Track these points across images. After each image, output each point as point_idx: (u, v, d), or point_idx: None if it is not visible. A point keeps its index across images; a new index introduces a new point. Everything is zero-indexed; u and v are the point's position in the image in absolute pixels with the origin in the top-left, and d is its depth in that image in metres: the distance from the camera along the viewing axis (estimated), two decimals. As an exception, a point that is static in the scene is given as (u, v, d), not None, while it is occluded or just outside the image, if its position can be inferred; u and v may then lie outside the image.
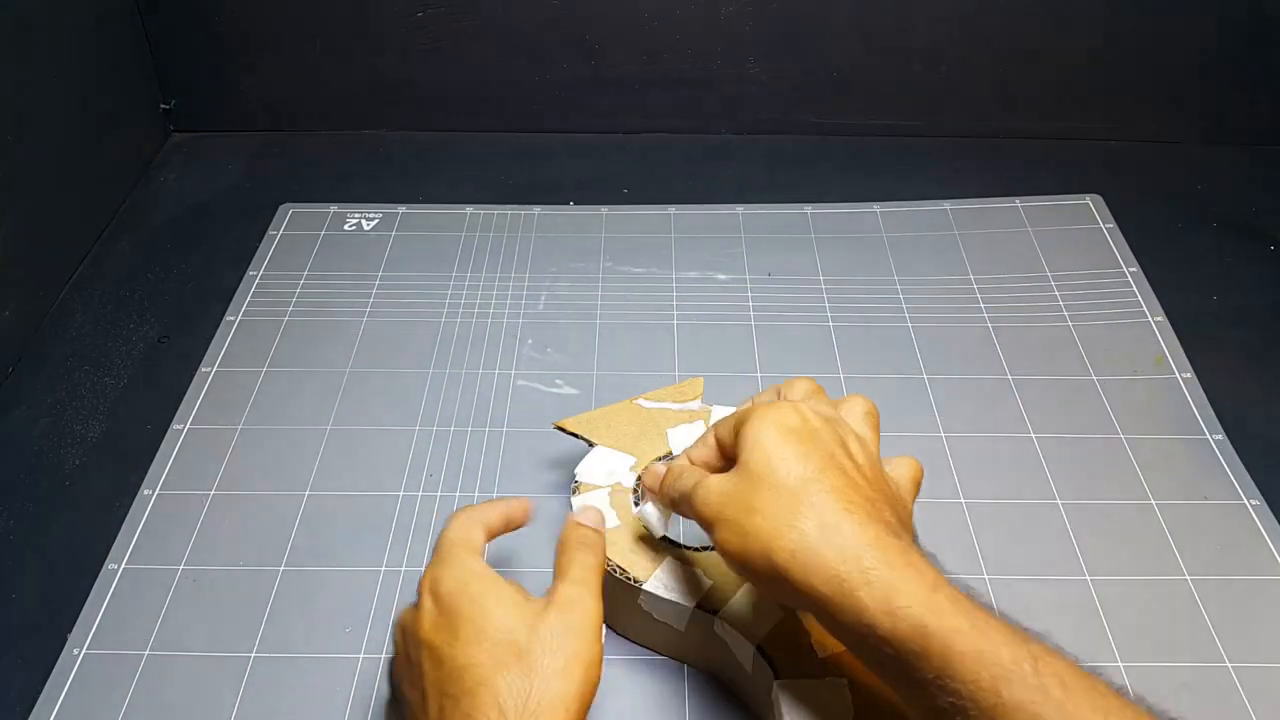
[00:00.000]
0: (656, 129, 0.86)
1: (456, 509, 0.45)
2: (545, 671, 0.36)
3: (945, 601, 0.34)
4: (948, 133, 0.84)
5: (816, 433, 0.39)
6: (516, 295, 0.70)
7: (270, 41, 0.82)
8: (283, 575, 0.53)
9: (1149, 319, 0.67)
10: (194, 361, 0.65)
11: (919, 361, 0.64)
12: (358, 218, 0.77)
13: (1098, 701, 0.31)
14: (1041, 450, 0.59)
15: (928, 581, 0.34)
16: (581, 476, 0.51)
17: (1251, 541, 0.54)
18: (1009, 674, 0.32)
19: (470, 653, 0.37)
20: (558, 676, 0.36)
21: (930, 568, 0.35)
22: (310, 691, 0.48)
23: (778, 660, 0.43)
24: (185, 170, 0.83)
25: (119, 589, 0.52)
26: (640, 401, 0.55)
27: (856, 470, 0.39)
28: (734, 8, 0.79)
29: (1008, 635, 0.33)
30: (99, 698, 0.48)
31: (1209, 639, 0.49)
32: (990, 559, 0.53)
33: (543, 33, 0.81)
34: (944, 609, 0.33)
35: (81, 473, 0.59)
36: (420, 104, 0.85)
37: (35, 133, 0.68)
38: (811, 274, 0.71)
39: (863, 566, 0.35)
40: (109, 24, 0.77)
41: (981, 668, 0.32)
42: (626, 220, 0.76)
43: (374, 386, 0.63)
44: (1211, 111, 0.82)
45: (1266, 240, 0.74)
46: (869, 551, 0.35)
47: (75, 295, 0.71)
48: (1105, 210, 0.76)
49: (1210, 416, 0.60)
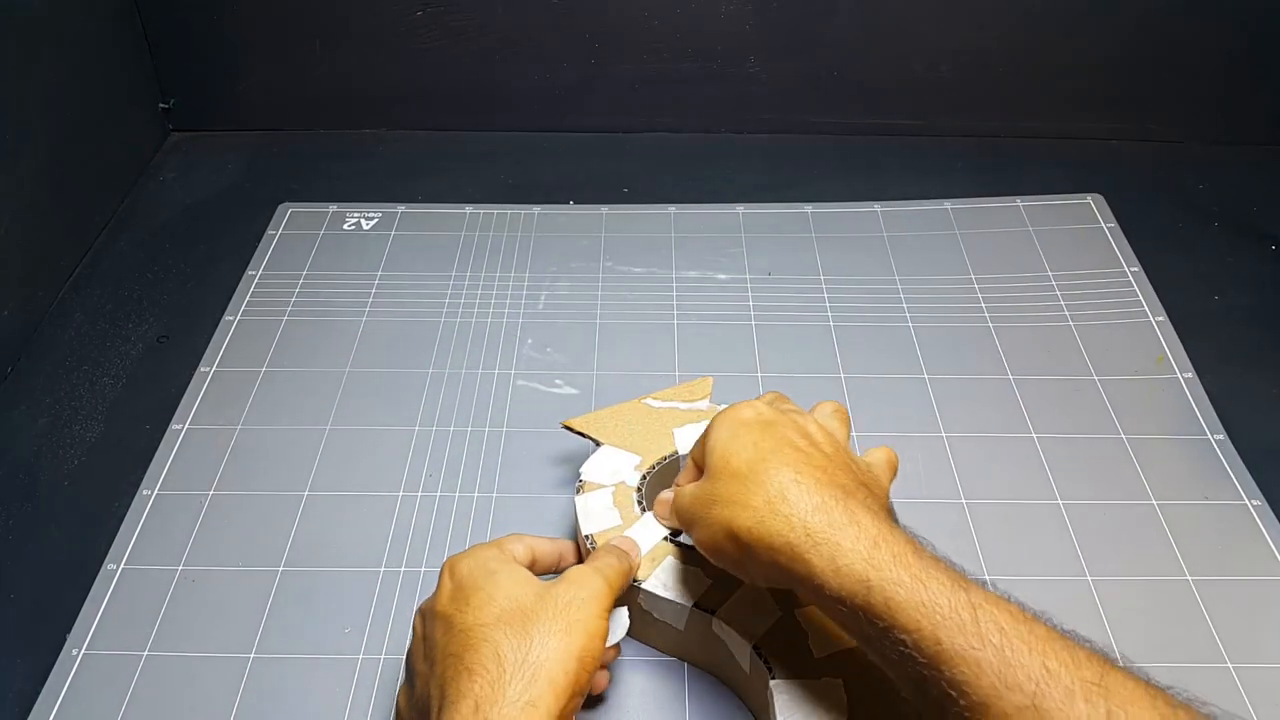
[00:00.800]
0: (656, 129, 0.86)
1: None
2: (546, 631, 0.38)
3: (886, 557, 0.35)
4: (948, 133, 0.84)
5: (771, 422, 0.42)
6: (516, 295, 0.70)
7: (270, 41, 0.82)
8: (282, 575, 0.53)
9: (1150, 319, 0.67)
10: (193, 361, 0.65)
11: (919, 361, 0.64)
12: (357, 217, 0.77)
13: (1035, 644, 0.32)
14: (1042, 450, 0.59)
15: (868, 537, 0.36)
16: (586, 476, 0.51)
17: (1251, 541, 0.54)
18: (948, 621, 0.33)
19: (479, 615, 0.38)
20: (557, 636, 0.37)
21: (875, 524, 0.37)
22: (310, 691, 0.48)
23: (774, 660, 0.43)
24: (184, 170, 0.83)
25: (118, 589, 0.52)
26: (648, 401, 0.55)
27: (813, 447, 0.41)
28: (734, 7, 0.79)
29: (948, 586, 0.34)
30: (98, 698, 0.48)
31: (1209, 639, 0.49)
32: (990, 559, 0.53)
33: (543, 33, 0.80)
34: (884, 564, 0.35)
35: (81, 473, 0.59)
36: (420, 104, 0.85)
37: (34, 132, 0.68)
38: (812, 274, 0.71)
39: (809, 529, 0.37)
40: (109, 24, 0.77)
41: (922, 617, 0.34)
42: (626, 220, 0.76)
43: (374, 386, 0.63)
44: (1213, 111, 0.82)
45: (1267, 240, 0.74)
46: (815, 515, 0.37)
47: (74, 295, 0.71)
48: (1106, 210, 0.76)
49: (1211, 416, 0.60)
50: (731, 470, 0.40)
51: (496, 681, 0.36)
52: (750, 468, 0.40)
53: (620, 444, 0.53)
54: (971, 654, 0.32)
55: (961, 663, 0.32)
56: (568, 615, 0.38)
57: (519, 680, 0.36)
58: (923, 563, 0.35)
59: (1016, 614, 0.34)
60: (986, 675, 0.32)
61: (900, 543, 0.36)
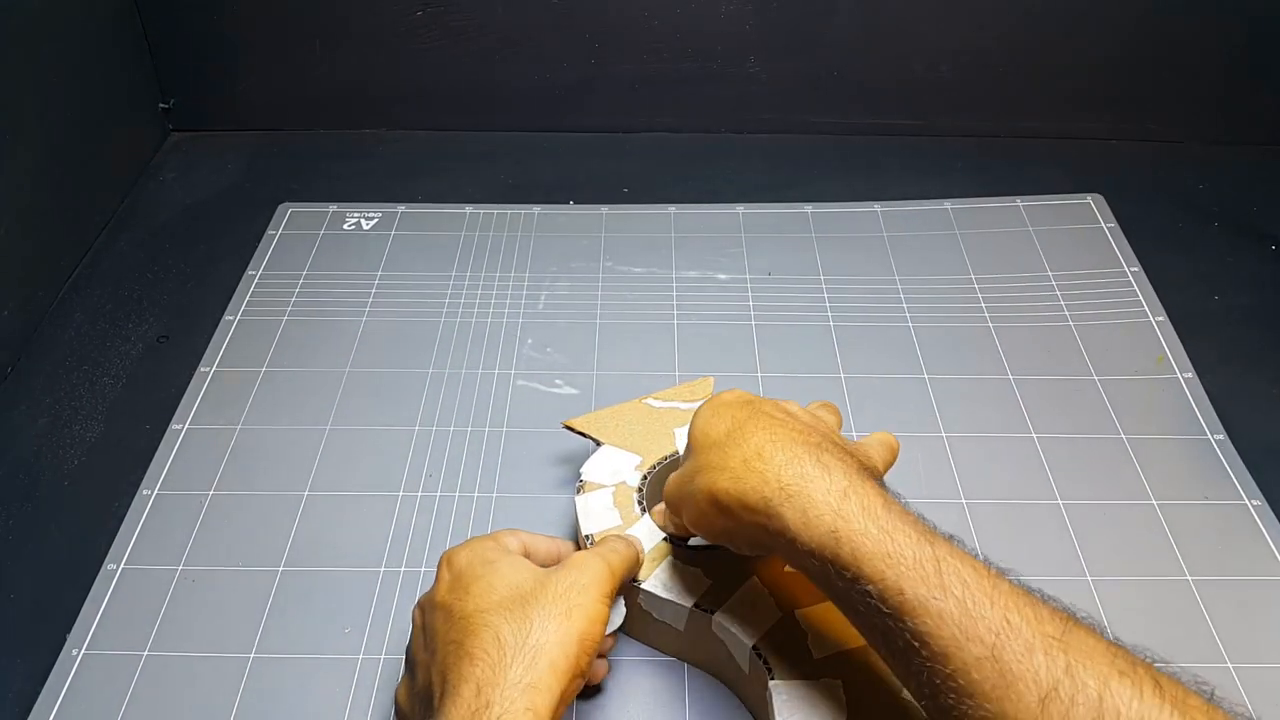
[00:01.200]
0: (656, 129, 0.86)
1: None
2: (546, 615, 0.38)
3: (855, 508, 0.36)
4: (948, 133, 0.84)
5: (751, 401, 0.43)
6: (516, 295, 0.70)
7: (270, 41, 0.82)
8: (282, 575, 0.53)
9: (1150, 319, 0.67)
10: (193, 361, 0.65)
11: (919, 361, 0.64)
12: (357, 217, 0.77)
13: (998, 598, 0.33)
14: (1042, 450, 0.59)
15: (838, 489, 0.36)
16: (587, 475, 0.51)
17: (1252, 541, 0.54)
18: (912, 573, 0.34)
19: (479, 602, 0.39)
20: (557, 619, 0.38)
21: (845, 474, 0.37)
22: (310, 691, 0.48)
23: (774, 660, 0.43)
24: (184, 170, 0.83)
25: (118, 589, 0.52)
26: (649, 401, 0.55)
27: (790, 417, 0.41)
28: (734, 7, 0.79)
29: (915, 538, 0.35)
30: (98, 698, 0.48)
31: (1209, 639, 0.49)
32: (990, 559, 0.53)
33: (543, 33, 0.80)
34: (852, 514, 0.36)
35: (81, 473, 0.59)
36: (420, 104, 0.85)
37: (34, 132, 0.68)
38: (812, 273, 0.71)
39: (782, 483, 0.37)
40: (109, 24, 0.77)
41: (887, 567, 0.34)
42: (626, 220, 0.76)
43: (374, 386, 0.63)
44: (1213, 111, 0.82)
45: (1267, 240, 0.74)
46: (788, 468, 0.38)
47: (74, 295, 0.71)
48: (1107, 210, 0.76)
49: (1211, 416, 0.60)
50: (711, 440, 0.41)
51: (498, 664, 0.36)
52: (728, 434, 0.40)
53: (620, 444, 0.53)
54: (934, 604, 0.33)
55: (924, 613, 0.33)
56: (568, 599, 0.39)
57: (520, 663, 0.36)
58: (890, 514, 0.36)
59: (981, 569, 0.34)
60: (948, 626, 0.32)
61: (870, 494, 0.36)
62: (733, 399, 0.43)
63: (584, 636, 0.38)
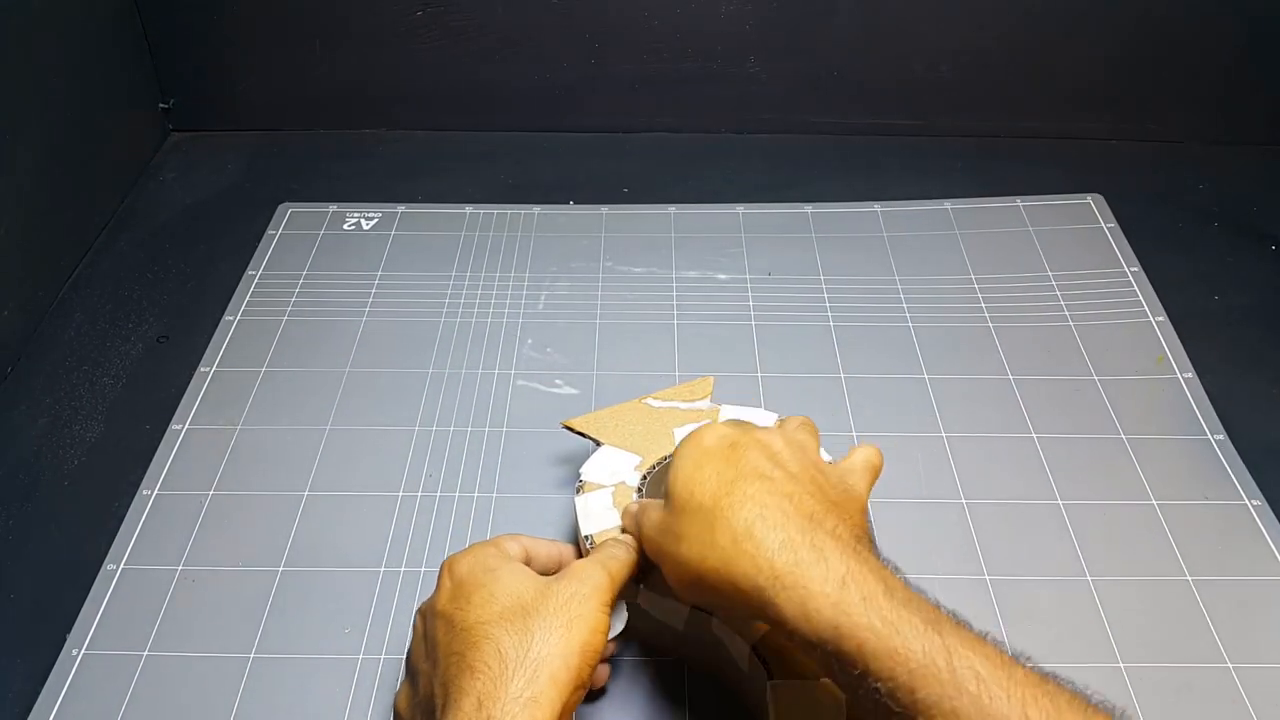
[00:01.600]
0: (656, 129, 0.86)
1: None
2: (547, 627, 0.37)
3: (855, 598, 0.34)
4: (947, 133, 0.84)
5: (735, 444, 0.41)
6: (516, 295, 0.70)
7: (270, 41, 0.82)
8: (282, 575, 0.53)
9: (1150, 319, 0.67)
10: (193, 361, 0.65)
11: (919, 361, 0.64)
12: (357, 217, 0.77)
13: (1014, 691, 0.32)
14: (1042, 450, 0.59)
15: (836, 577, 0.35)
16: (586, 476, 0.51)
17: (1251, 541, 0.54)
18: (924, 670, 0.32)
19: (480, 613, 0.38)
20: (558, 631, 0.37)
21: (843, 559, 0.35)
22: (310, 692, 0.48)
23: (772, 660, 0.43)
24: (184, 170, 0.83)
25: (118, 589, 0.52)
26: (649, 401, 0.55)
27: (778, 468, 0.39)
28: (734, 7, 0.79)
29: (921, 629, 0.33)
30: (98, 698, 0.48)
31: (1209, 639, 0.49)
32: (990, 559, 0.53)
33: (543, 33, 0.80)
34: (853, 608, 0.34)
35: (81, 473, 0.59)
36: (420, 104, 0.85)
37: (34, 132, 0.68)
38: (812, 274, 0.71)
39: (776, 571, 0.35)
40: (109, 23, 0.77)
41: (896, 665, 0.33)
42: (626, 220, 0.76)
43: (373, 386, 0.63)
44: (1213, 111, 0.82)
45: (1267, 240, 0.74)
46: (781, 553, 0.36)
47: (74, 295, 0.71)
48: (1106, 210, 0.76)
49: (1211, 416, 0.60)
50: (696, 504, 0.39)
51: (499, 678, 0.36)
52: (714, 501, 0.38)
53: (620, 444, 0.53)
54: (948, 704, 0.32)
55: (939, 713, 0.32)
56: (569, 610, 0.38)
57: (521, 676, 0.36)
58: (894, 603, 0.34)
59: (994, 658, 0.33)
60: None
61: (870, 580, 0.35)
62: (715, 445, 0.41)
63: (585, 647, 0.38)
